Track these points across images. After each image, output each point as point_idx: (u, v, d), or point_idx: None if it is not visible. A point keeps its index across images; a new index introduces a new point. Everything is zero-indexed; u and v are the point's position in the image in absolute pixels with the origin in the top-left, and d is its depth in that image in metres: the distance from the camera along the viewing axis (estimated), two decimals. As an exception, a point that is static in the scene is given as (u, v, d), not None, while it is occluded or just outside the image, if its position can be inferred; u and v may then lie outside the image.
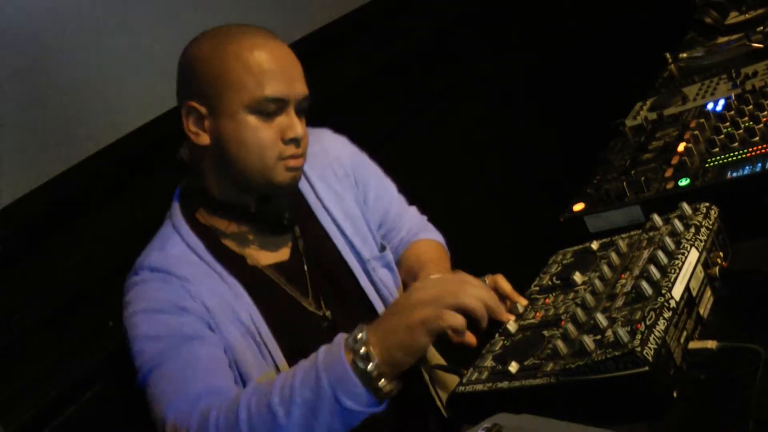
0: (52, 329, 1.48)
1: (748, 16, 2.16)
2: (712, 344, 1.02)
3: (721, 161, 1.40)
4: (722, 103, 1.69)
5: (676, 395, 0.99)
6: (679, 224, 1.22)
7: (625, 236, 1.31)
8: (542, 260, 1.40)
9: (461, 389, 1.11)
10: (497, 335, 1.22)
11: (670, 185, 1.42)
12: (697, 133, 1.57)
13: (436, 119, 2.67)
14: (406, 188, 1.69)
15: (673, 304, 1.04)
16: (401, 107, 2.53)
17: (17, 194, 1.47)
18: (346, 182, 1.52)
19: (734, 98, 1.64)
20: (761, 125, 1.43)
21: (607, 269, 1.20)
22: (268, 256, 1.40)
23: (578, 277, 1.26)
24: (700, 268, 1.14)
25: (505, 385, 1.06)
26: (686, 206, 1.25)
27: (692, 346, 1.04)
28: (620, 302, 1.10)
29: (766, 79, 1.68)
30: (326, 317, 1.39)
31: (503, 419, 1.07)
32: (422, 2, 2.68)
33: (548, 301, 1.25)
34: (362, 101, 2.37)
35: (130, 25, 1.72)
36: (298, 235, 1.43)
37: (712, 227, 1.22)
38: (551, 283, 1.30)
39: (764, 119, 1.46)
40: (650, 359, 0.95)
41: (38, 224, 1.51)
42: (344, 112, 2.24)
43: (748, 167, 1.32)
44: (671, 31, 2.38)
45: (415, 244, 1.62)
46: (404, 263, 1.58)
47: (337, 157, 1.54)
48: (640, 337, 0.97)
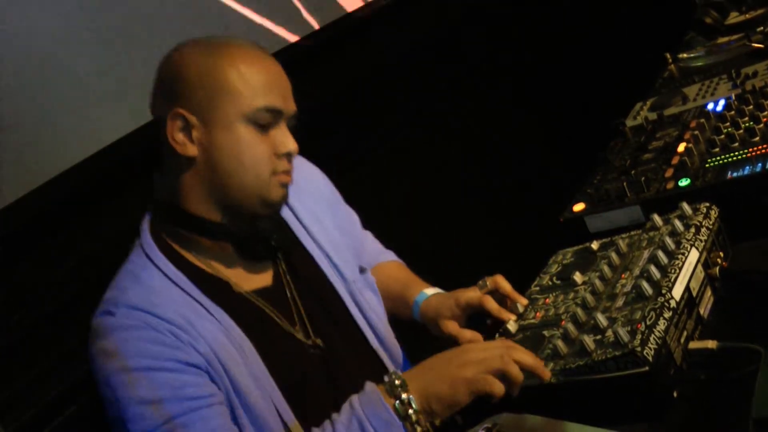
0: (52, 329, 1.48)
1: (748, 16, 2.16)
2: (712, 344, 1.02)
3: (721, 161, 1.40)
4: (722, 103, 1.69)
5: (676, 395, 0.99)
6: (679, 224, 1.22)
7: (625, 236, 1.31)
8: (542, 260, 1.40)
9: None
10: (497, 335, 1.22)
11: (670, 185, 1.42)
12: (697, 133, 1.57)
13: (436, 119, 2.67)
14: (406, 188, 1.68)
15: (673, 304, 1.04)
16: (401, 107, 2.53)
17: (17, 194, 1.47)
18: (323, 205, 1.49)
19: (734, 98, 1.64)
20: (761, 125, 1.43)
21: (607, 269, 1.20)
22: (251, 280, 1.31)
23: (578, 277, 1.26)
24: (700, 268, 1.14)
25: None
26: (686, 206, 1.25)
27: (692, 346, 1.04)
28: (620, 302, 1.10)
29: (766, 79, 1.68)
30: (317, 345, 1.32)
31: (503, 419, 1.07)
32: (422, 2, 2.68)
33: (548, 301, 1.25)
34: (362, 101, 2.37)
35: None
36: (279, 258, 1.36)
37: (712, 227, 1.22)
38: (551, 283, 1.30)
39: (764, 119, 1.46)
40: (650, 359, 0.95)
41: (38, 224, 1.51)
42: (344, 112, 2.25)
43: (748, 167, 1.32)
44: (671, 31, 2.38)
45: (383, 265, 1.62)
46: (378, 285, 1.53)
47: (311, 180, 1.51)
48: (640, 337, 0.97)
